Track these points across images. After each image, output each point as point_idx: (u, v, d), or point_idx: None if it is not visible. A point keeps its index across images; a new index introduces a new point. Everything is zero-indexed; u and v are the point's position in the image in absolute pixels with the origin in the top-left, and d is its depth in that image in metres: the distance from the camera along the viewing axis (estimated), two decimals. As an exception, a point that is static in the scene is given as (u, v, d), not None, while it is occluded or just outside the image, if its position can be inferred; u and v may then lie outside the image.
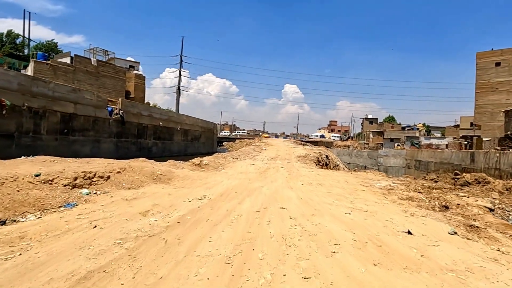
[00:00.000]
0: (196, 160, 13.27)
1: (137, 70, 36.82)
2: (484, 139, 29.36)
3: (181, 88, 47.78)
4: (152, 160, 10.62)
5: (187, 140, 24.13)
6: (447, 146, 37.99)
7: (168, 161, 11.30)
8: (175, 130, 21.89)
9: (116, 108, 15.56)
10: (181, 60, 47.92)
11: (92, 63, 29.19)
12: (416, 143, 40.63)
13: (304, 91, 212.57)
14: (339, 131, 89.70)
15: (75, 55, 27.87)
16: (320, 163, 22.28)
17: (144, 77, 34.70)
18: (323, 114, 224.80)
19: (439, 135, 57.16)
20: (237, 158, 17.91)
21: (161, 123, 19.70)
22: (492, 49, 34.24)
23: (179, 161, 12.76)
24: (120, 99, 16.20)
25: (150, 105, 37.00)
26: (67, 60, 28.13)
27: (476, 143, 29.87)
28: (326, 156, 26.36)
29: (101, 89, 27.97)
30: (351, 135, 75.47)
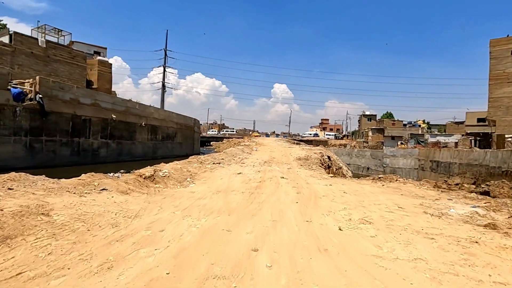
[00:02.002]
0: (148, 170, 8.21)
1: (104, 57, 31.07)
2: (507, 135, 25.59)
3: (169, 86, 45.01)
4: (42, 175, 5.53)
5: (157, 140, 18.73)
6: (456, 144, 34.43)
7: (84, 174, 6.21)
8: (137, 126, 16.45)
9: (30, 91, 10.08)
10: (166, 54, 46.08)
11: (40, 44, 23.39)
12: (422, 141, 36.81)
13: (293, 91, 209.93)
14: (331, 129, 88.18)
15: (15, 32, 22.00)
16: (323, 166, 17.97)
17: (111, 64, 29.02)
18: (313, 113, 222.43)
19: (436, 132, 54.19)
20: (219, 163, 13.05)
21: (114, 116, 14.26)
22: (508, 35, 30.82)
23: (115, 173, 7.72)
24: (37, 77, 10.76)
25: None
26: (4, 39, 22.31)
27: (497, 141, 26.27)
28: (328, 157, 22.12)
29: (52, 77, 22.30)
30: (346, 133, 71.86)
